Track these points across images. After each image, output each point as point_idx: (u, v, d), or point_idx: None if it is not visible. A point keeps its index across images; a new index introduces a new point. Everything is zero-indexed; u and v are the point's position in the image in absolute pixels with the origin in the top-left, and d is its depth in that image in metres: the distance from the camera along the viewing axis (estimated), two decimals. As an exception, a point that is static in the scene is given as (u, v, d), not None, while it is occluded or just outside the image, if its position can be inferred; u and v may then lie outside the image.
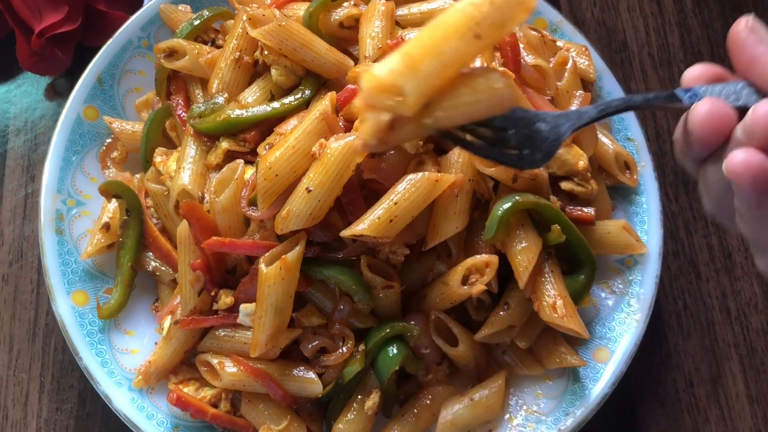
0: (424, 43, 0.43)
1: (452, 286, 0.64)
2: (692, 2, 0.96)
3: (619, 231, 0.73)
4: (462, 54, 0.44)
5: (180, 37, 0.74)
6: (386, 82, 0.42)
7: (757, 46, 0.45)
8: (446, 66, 0.43)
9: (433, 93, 0.44)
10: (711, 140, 0.46)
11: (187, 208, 0.64)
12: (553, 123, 0.49)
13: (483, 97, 0.46)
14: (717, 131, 0.45)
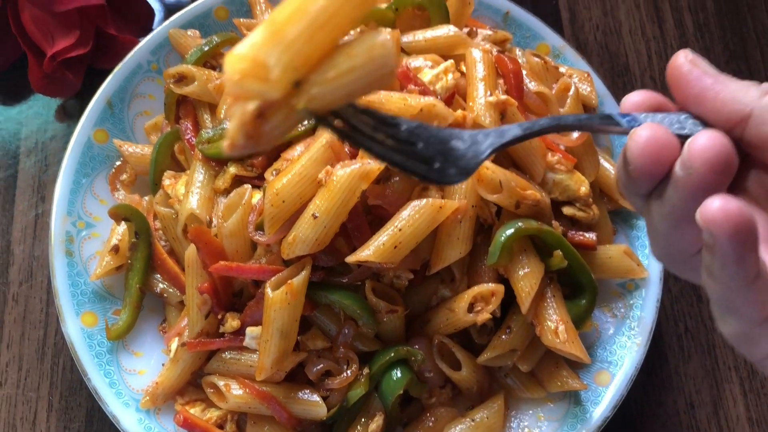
0: (289, 5, 0.35)
1: (458, 313, 0.66)
2: (693, 27, 0.97)
3: (620, 256, 0.74)
4: (333, 12, 0.36)
5: (189, 63, 0.75)
6: (247, 57, 0.34)
7: (702, 79, 0.43)
8: (315, 28, 0.35)
9: (305, 67, 0.35)
10: (652, 171, 0.42)
11: (195, 233, 0.65)
12: (471, 141, 0.44)
13: (360, 61, 0.36)
14: (658, 161, 0.41)
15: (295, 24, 0.34)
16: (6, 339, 0.78)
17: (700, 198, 0.39)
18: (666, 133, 0.41)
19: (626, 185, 0.45)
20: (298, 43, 0.34)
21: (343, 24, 0.36)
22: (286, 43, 0.34)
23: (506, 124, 0.69)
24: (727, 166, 0.39)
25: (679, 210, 0.41)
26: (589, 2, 0.97)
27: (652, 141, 0.40)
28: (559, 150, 0.73)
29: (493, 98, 0.68)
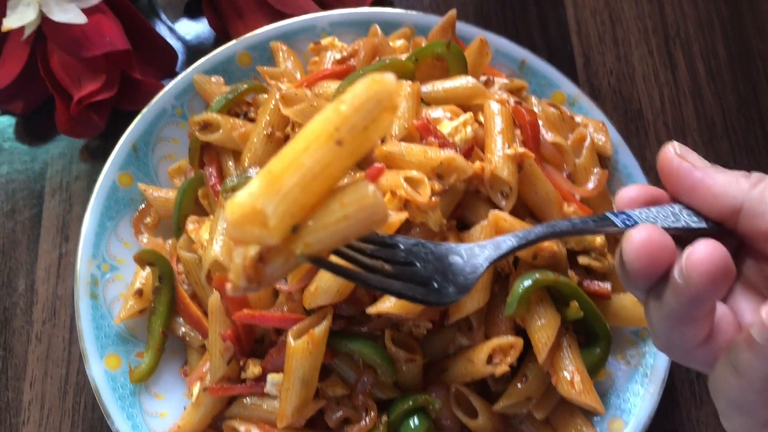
0: (285, 157, 0.38)
1: (477, 363, 0.67)
2: (705, 73, 0.99)
3: (633, 304, 0.75)
4: (326, 164, 0.37)
5: (214, 110, 0.77)
6: (246, 206, 0.36)
7: (692, 173, 0.44)
8: (309, 179, 0.37)
9: (301, 214, 0.38)
10: (648, 273, 0.42)
11: (220, 280, 0.67)
12: (468, 255, 0.46)
13: (352, 210, 0.38)
14: (654, 264, 0.41)
15: (291, 175, 0.37)
16: (29, 377, 0.79)
17: (699, 304, 0.40)
18: (660, 234, 0.41)
19: (625, 282, 0.45)
20: (294, 192, 0.37)
21: (335, 174, 0.39)
22: (282, 193, 0.36)
23: (524, 175, 0.70)
24: (725, 276, 0.39)
25: (678, 313, 0.42)
26: (603, 48, 0.99)
27: (647, 243, 0.41)
28: (575, 200, 0.74)
29: (511, 151, 0.70)
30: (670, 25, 1.01)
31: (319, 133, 0.38)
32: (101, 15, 0.84)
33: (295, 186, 0.37)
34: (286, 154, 0.38)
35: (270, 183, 0.37)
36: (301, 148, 0.37)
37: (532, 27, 0.99)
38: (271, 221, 0.36)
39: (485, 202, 0.71)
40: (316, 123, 0.38)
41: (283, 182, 0.37)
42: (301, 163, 0.37)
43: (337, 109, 0.38)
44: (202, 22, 0.98)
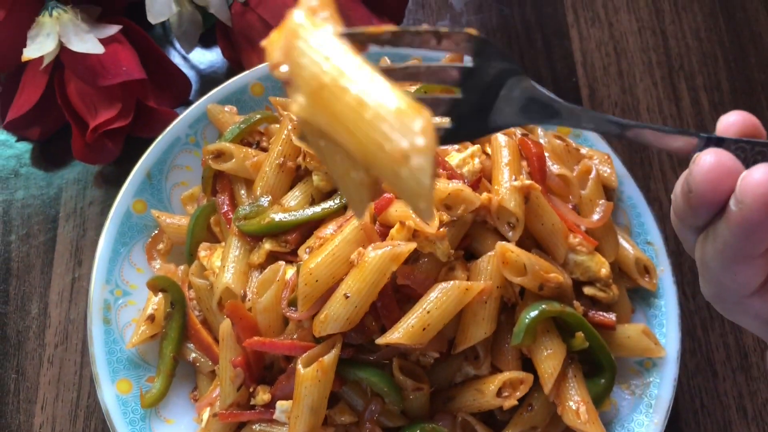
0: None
1: (486, 395, 0.68)
2: (709, 105, 1.00)
3: (638, 335, 0.76)
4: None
5: (228, 139, 0.78)
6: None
7: None
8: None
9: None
10: (713, 199, 0.40)
11: (231, 308, 0.68)
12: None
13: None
14: (720, 189, 0.39)
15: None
16: (40, 400, 0.80)
17: (754, 236, 0.39)
18: (731, 159, 0.39)
19: (683, 216, 0.43)
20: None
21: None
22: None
23: (530, 207, 0.72)
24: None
25: (732, 248, 0.40)
26: (608, 80, 1.00)
27: (716, 166, 0.39)
28: (580, 232, 0.75)
29: (518, 183, 0.71)
30: (674, 58, 1.03)
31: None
32: (118, 45, 0.87)
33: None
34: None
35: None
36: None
37: (539, 59, 1.01)
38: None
39: (492, 232, 0.72)
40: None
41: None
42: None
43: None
44: (215, 51, 1.00)
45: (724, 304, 0.45)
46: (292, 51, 0.36)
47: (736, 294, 0.43)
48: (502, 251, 0.69)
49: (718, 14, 1.06)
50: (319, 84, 0.34)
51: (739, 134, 0.43)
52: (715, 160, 0.39)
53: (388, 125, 0.33)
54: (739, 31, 1.05)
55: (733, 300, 0.43)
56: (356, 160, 0.35)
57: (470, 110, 0.43)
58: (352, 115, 0.34)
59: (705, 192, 0.40)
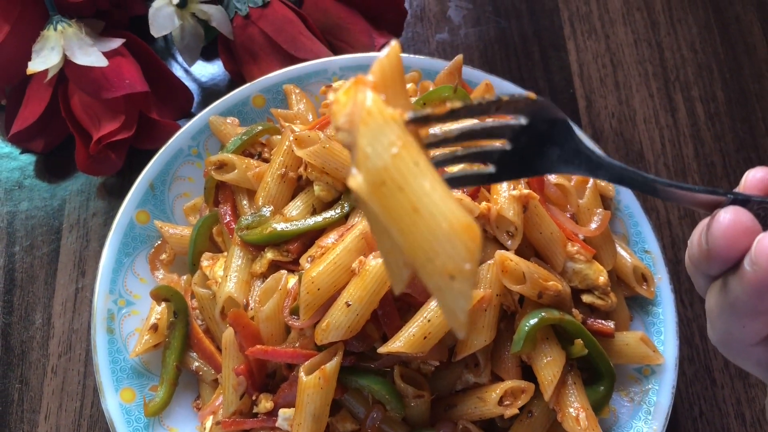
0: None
1: (488, 403, 0.68)
2: (705, 116, 1.01)
3: (637, 343, 0.76)
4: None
5: (230, 150, 0.80)
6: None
7: None
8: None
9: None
10: (728, 256, 0.41)
11: (234, 317, 0.69)
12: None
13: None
14: (736, 246, 0.41)
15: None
16: (44, 410, 0.81)
17: (765, 296, 0.40)
18: (750, 219, 0.41)
19: (697, 263, 0.44)
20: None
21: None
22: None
23: (529, 216, 0.73)
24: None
25: (743, 304, 0.42)
26: (604, 91, 1.02)
27: (734, 225, 0.41)
28: (579, 240, 0.76)
29: (516, 192, 0.72)
30: (669, 70, 1.04)
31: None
32: (121, 58, 0.88)
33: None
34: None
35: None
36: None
37: (536, 71, 1.03)
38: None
39: (492, 241, 0.73)
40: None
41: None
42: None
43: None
44: (216, 64, 1.01)
45: (730, 349, 0.46)
46: (357, 129, 0.36)
47: (741, 342, 0.44)
48: (502, 260, 0.69)
49: (712, 26, 1.07)
50: (381, 180, 0.35)
51: (764, 191, 0.44)
52: (733, 219, 0.41)
53: (440, 242, 0.34)
54: (734, 42, 1.06)
55: (738, 347, 0.45)
56: (403, 254, 0.36)
57: (515, 159, 0.44)
58: (407, 219, 0.35)
59: (721, 249, 0.41)
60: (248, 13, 0.91)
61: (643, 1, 1.09)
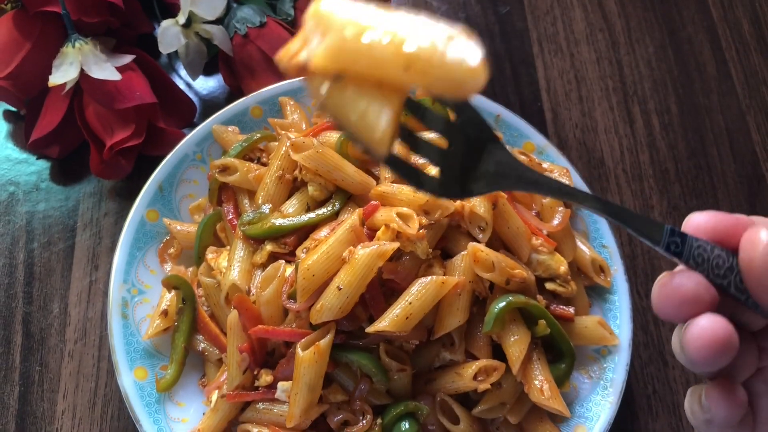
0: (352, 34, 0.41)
1: (465, 378, 0.78)
2: (660, 126, 1.12)
3: (595, 326, 0.86)
4: (384, 67, 0.41)
5: (232, 155, 0.89)
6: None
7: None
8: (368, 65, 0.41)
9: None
10: (712, 367, 0.41)
11: (238, 300, 0.78)
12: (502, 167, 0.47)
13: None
14: (717, 363, 0.40)
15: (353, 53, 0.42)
16: (62, 390, 0.89)
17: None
18: (725, 331, 0.40)
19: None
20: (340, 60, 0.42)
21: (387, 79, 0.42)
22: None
23: (498, 212, 0.82)
24: (724, 353, 0.40)
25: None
26: (569, 104, 1.12)
27: (710, 344, 0.40)
28: (542, 235, 0.86)
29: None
30: (628, 85, 1.15)
31: (396, 50, 0.41)
32: (132, 72, 0.97)
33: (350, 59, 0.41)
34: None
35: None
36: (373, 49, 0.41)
37: (507, 86, 1.13)
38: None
39: (465, 235, 0.83)
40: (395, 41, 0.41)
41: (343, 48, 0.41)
42: (367, 54, 0.41)
43: (421, 46, 0.41)
44: (216, 78, 1.10)
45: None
46: (324, 18, 0.42)
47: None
48: (474, 251, 0.79)
49: (667, 46, 1.18)
50: (361, 27, 0.40)
51: (703, 235, 0.45)
52: (709, 337, 0.40)
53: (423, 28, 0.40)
54: (686, 61, 1.17)
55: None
56: (391, 75, 0.40)
57: (454, 168, 0.47)
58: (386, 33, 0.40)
59: (702, 362, 0.41)
60: (247, 33, 1.01)
61: (605, 23, 1.20)
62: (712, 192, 1.08)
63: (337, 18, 0.42)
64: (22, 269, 0.95)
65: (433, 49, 0.40)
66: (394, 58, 0.40)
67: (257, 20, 1.01)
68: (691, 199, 1.07)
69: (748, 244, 0.42)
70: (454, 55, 0.39)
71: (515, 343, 0.79)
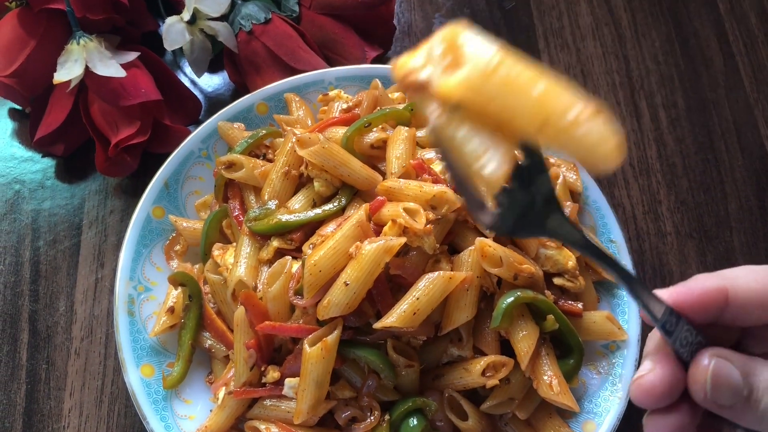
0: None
1: (473, 374, 0.77)
2: (667, 121, 1.11)
3: (603, 321, 0.85)
4: (517, 116, 0.42)
5: (238, 152, 0.88)
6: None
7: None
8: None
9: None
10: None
11: (245, 296, 0.77)
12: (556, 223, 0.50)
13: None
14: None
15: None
16: (69, 388, 0.89)
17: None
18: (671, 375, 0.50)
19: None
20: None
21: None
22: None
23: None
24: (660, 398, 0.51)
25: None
26: (575, 99, 1.12)
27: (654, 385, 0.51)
28: (550, 229, 0.85)
29: (495, 186, 0.81)
30: (635, 80, 1.14)
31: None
32: (136, 69, 0.97)
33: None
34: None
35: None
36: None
37: (513, 81, 1.12)
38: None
39: (472, 230, 0.82)
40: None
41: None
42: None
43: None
44: (220, 75, 1.10)
45: None
46: (457, 47, 0.43)
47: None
48: (481, 246, 0.78)
49: (674, 40, 1.18)
50: (490, 70, 0.41)
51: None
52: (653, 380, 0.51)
53: (569, 98, 0.41)
54: (693, 55, 1.17)
55: None
56: (520, 126, 0.42)
57: (515, 209, 0.50)
58: (526, 92, 0.41)
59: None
60: (251, 29, 1.01)
61: (611, 17, 1.19)
62: (720, 186, 1.07)
63: (476, 51, 0.42)
64: (28, 267, 0.95)
65: (575, 120, 0.40)
66: (532, 114, 0.41)
67: (262, 17, 1.01)
68: (699, 194, 1.07)
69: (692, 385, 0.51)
70: (595, 133, 0.41)
71: (524, 339, 0.78)
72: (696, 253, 1.02)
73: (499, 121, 0.42)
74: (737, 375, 0.49)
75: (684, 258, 1.02)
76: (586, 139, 0.41)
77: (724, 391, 0.49)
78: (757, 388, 0.49)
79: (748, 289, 0.51)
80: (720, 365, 0.49)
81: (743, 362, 0.50)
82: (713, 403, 0.49)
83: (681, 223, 1.04)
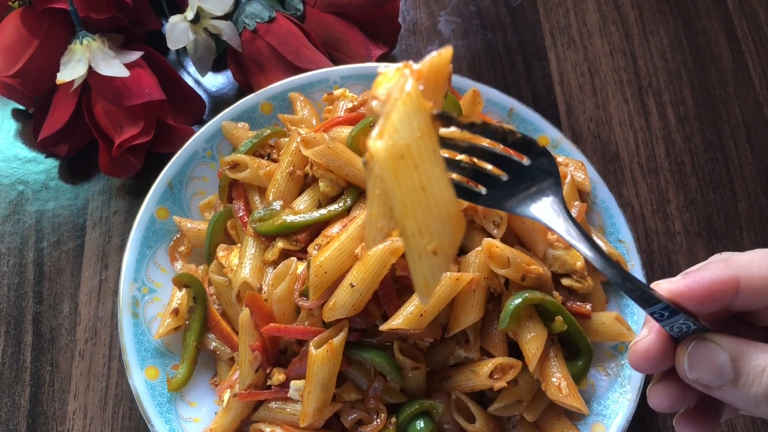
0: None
1: (480, 376, 0.76)
2: (675, 119, 1.10)
3: (612, 322, 0.85)
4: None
5: (242, 152, 0.88)
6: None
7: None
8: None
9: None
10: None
11: (250, 298, 0.77)
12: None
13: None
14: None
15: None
16: (73, 390, 0.88)
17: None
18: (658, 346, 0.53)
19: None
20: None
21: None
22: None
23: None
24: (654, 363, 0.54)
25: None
26: (583, 97, 1.11)
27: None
28: (558, 230, 0.84)
29: (502, 186, 0.81)
30: (642, 77, 1.13)
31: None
32: (140, 69, 0.96)
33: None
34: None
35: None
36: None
37: (520, 79, 1.11)
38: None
39: (480, 231, 0.81)
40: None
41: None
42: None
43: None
44: (224, 75, 1.09)
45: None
46: (393, 104, 0.43)
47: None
48: (489, 246, 0.78)
49: (682, 38, 1.17)
50: (401, 153, 0.42)
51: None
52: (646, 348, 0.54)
53: (435, 221, 0.41)
54: (701, 52, 1.15)
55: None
56: (394, 218, 0.42)
57: (505, 190, 0.52)
58: (413, 194, 0.41)
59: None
60: (256, 28, 1.00)
61: (618, 15, 1.18)
62: (729, 185, 1.06)
63: (399, 125, 0.42)
64: (32, 268, 0.95)
65: (416, 246, 0.42)
66: (399, 213, 0.41)
67: (266, 15, 1.00)
68: (708, 193, 1.05)
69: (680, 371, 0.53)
70: (421, 268, 0.42)
71: (532, 340, 0.77)
72: (705, 252, 1.01)
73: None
74: (723, 358, 0.50)
75: (693, 258, 1.00)
76: (414, 266, 0.42)
77: (704, 372, 0.50)
78: (745, 373, 0.49)
79: (760, 278, 0.51)
80: (701, 347, 0.51)
81: (734, 346, 0.50)
82: (697, 383, 0.51)
83: (690, 223, 1.03)
